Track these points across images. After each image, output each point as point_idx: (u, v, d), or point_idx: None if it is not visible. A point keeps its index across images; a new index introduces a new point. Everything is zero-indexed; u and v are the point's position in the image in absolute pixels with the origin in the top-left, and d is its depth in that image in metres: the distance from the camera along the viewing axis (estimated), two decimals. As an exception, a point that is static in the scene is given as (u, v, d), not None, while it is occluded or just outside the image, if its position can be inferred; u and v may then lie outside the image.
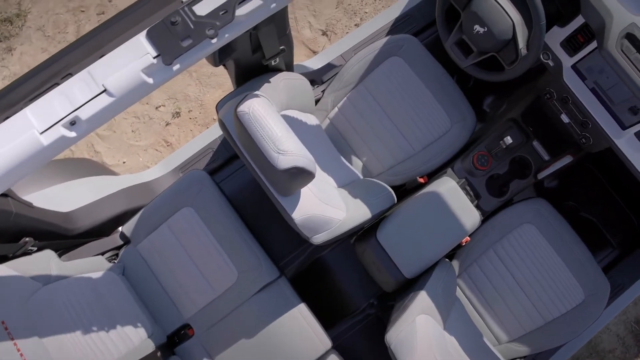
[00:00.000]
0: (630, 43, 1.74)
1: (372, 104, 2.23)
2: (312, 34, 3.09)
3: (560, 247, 2.19)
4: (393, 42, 2.24)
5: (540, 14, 1.75)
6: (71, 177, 2.06)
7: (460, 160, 2.22)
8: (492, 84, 2.60)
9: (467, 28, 1.91)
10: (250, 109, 1.45)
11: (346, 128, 2.25)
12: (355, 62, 2.25)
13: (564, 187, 2.61)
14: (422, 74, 2.23)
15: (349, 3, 3.13)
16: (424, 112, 2.21)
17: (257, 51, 1.79)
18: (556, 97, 2.09)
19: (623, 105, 1.89)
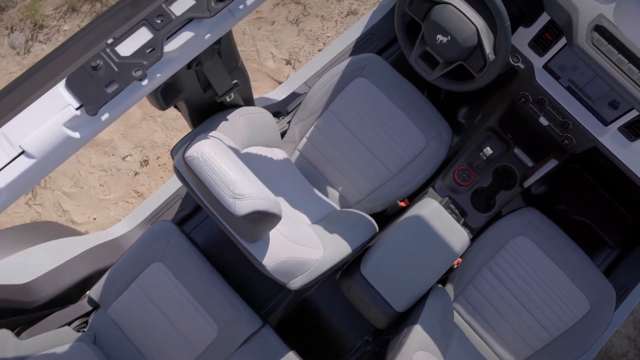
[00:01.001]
0: (600, 35, 1.62)
1: (341, 129, 2.08)
2: (276, 64, 2.97)
3: (557, 257, 2.04)
4: (355, 63, 2.11)
5: (503, 16, 1.63)
6: (29, 244, 1.89)
7: (440, 178, 2.07)
8: (465, 94, 2.47)
9: (430, 39, 1.79)
10: (200, 153, 1.29)
11: (317, 158, 2.10)
12: (319, 88, 2.11)
13: (553, 191, 2.47)
14: (389, 92, 2.10)
15: (310, 29, 3.01)
16: (397, 132, 2.07)
17: (208, 88, 1.65)
18: (532, 100, 1.96)
19: (602, 101, 1.76)
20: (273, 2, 3.05)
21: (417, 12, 1.79)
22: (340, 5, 3.06)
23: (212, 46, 1.37)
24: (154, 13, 1.09)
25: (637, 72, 1.60)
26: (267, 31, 3.01)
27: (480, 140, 2.10)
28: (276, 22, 3.02)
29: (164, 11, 1.09)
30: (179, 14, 1.10)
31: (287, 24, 3.02)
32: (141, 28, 1.08)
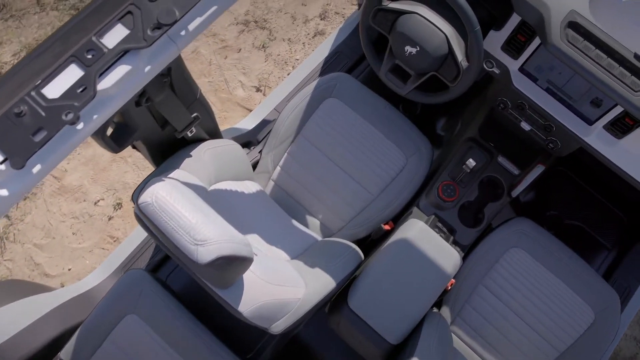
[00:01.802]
0: (575, 32, 1.52)
1: (316, 154, 1.96)
2: (246, 92, 2.84)
3: (555, 266, 1.91)
4: (324, 84, 1.99)
5: (472, 21, 1.52)
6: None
7: (424, 195, 1.94)
8: (441, 106, 2.36)
9: (398, 51, 1.67)
10: (154, 198, 1.15)
11: (293, 187, 1.97)
12: (288, 114, 1.98)
13: (542, 197, 2.35)
14: (362, 111, 1.98)
15: (277, 54, 2.90)
16: (374, 151, 1.94)
17: (167, 125, 1.51)
18: (511, 105, 1.85)
19: (583, 100, 1.65)
20: (238, 30, 2.94)
21: (382, 24, 1.69)
22: (307, 27, 2.96)
23: (161, 79, 1.25)
24: (84, 47, 0.96)
25: (617, 67, 1.50)
26: (234, 59, 2.89)
27: (461, 152, 1.98)
28: (242, 49, 2.91)
29: (94, 45, 0.96)
30: (112, 47, 0.97)
31: (254, 50, 2.91)
32: (70, 65, 0.95)
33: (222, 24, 2.94)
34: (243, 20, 2.96)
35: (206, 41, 2.91)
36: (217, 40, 2.92)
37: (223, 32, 2.93)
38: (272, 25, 2.95)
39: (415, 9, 1.63)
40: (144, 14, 0.97)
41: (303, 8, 3.00)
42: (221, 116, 2.81)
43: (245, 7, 2.98)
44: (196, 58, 2.89)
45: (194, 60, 2.88)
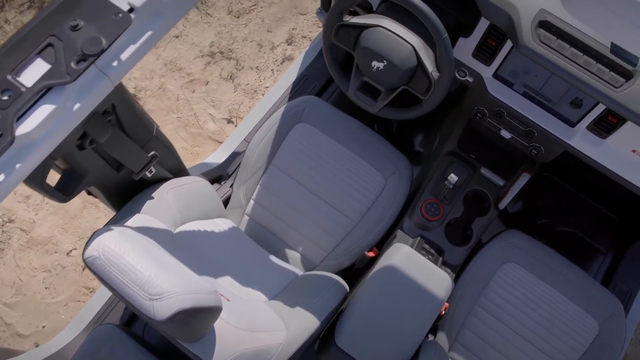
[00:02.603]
0: (547, 31, 1.43)
1: (290, 183, 1.83)
2: (217, 125, 2.72)
3: (552, 278, 1.79)
4: (293, 109, 1.88)
5: (439, 28, 1.42)
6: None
7: (407, 217, 1.82)
8: (417, 121, 2.25)
9: (365, 68, 1.57)
10: (101, 251, 1.01)
11: (269, 220, 1.83)
12: (257, 143, 1.86)
13: (530, 206, 2.24)
14: (335, 134, 1.86)
15: (246, 83, 2.79)
16: (351, 175, 1.82)
17: (122, 167, 1.38)
18: (488, 114, 1.74)
19: (563, 101, 1.55)
20: (204, 62, 2.83)
21: (345, 41, 1.58)
22: (274, 54, 2.86)
23: (102, 118, 1.12)
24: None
25: (594, 64, 1.40)
26: (202, 92, 2.78)
27: (442, 168, 1.86)
28: (210, 81, 2.80)
29: (9, 84, 0.83)
30: (31, 85, 0.84)
31: (222, 81, 2.80)
32: None
33: (188, 58, 2.83)
34: (208, 52, 2.85)
35: (172, 76, 2.79)
36: (183, 74, 2.80)
37: (189, 66, 2.82)
38: (239, 55, 2.85)
39: (378, 22, 1.53)
40: (66, 45, 0.85)
41: (269, 35, 2.90)
42: (193, 152, 2.69)
43: (209, 38, 2.88)
44: (163, 94, 2.77)
45: (160, 96, 2.76)
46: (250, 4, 2.97)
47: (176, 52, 2.84)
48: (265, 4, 2.97)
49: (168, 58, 2.83)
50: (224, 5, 2.96)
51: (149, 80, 2.78)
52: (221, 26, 2.92)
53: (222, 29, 2.91)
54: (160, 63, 2.82)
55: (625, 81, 1.39)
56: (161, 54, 2.83)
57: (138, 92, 2.74)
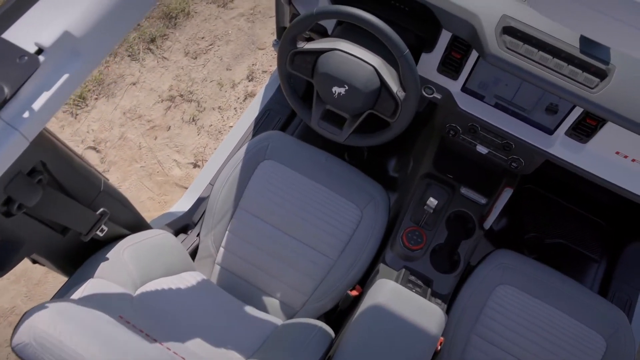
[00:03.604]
0: (512, 37, 1.33)
1: (260, 226, 1.68)
2: (183, 170, 2.58)
3: (549, 296, 1.66)
4: (255, 146, 1.74)
5: (399, 44, 1.31)
6: None
7: (389, 248, 1.68)
8: (388, 146, 2.13)
9: (326, 95, 1.45)
10: (33, 336, 0.85)
11: (242, 267, 1.68)
12: (221, 186, 1.72)
13: (516, 221, 2.12)
14: (303, 168, 1.72)
15: (209, 124, 2.66)
16: (324, 210, 1.68)
17: (67, 229, 1.23)
18: (462, 130, 1.63)
19: (538, 109, 1.45)
20: (164, 107, 2.70)
21: (302, 69, 1.47)
22: (236, 91, 2.74)
23: (27, 179, 0.97)
24: None
25: (566, 66, 1.30)
26: (165, 138, 2.64)
27: (420, 192, 1.74)
28: (172, 126, 2.66)
29: None
30: None
31: (184, 125, 2.67)
32: None
33: (147, 104, 2.70)
34: (168, 97, 2.72)
35: (132, 125, 2.65)
36: (143, 122, 2.66)
37: (148, 113, 2.68)
38: (199, 96, 2.73)
39: (334, 46, 1.42)
40: None
41: (228, 73, 2.79)
42: (161, 201, 2.53)
43: (167, 82, 2.75)
44: (124, 144, 2.62)
45: (122, 147, 2.61)
46: (206, 44, 2.87)
47: (134, 99, 2.71)
48: (222, 43, 2.87)
49: (126, 106, 2.69)
50: (180, 48, 2.85)
51: (109, 131, 2.63)
52: (179, 69, 2.80)
53: (180, 71, 2.79)
54: (119, 112, 2.68)
55: (600, 81, 1.30)
56: (119, 102, 2.70)
57: (97, 144, 2.59)
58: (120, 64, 2.80)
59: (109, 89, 2.73)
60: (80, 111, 2.66)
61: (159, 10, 2.94)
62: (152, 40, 2.85)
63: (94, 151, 2.58)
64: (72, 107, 2.66)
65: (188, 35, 2.89)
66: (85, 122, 2.64)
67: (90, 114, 2.66)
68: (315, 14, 1.35)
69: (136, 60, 2.81)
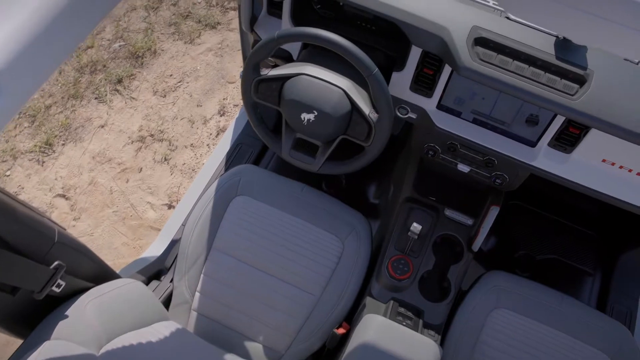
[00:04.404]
0: (485, 48, 1.26)
1: (237, 266, 1.56)
2: (157, 212, 2.45)
3: (547, 316, 1.55)
4: (226, 182, 1.64)
5: (367, 63, 1.23)
6: None
7: (374, 280, 1.56)
8: (366, 171, 2.04)
9: (295, 122, 1.36)
10: None
11: (221, 312, 1.55)
12: (193, 227, 1.60)
13: (505, 240, 2.03)
14: (278, 202, 1.62)
15: (182, 163, 2.55)
16: (304, 245, 1.57)
17: (17, 288, 1.10)
18: (441, 150, 1.55)
19: (518, 121, 1.37)
20: (134, 149, 2.59)
21: (267, 97, 1.38)
22: (208, 128, 2.64)
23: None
24: None
25: (543, 74, 1.23)
26: (137, 180, 2.52)
27: (402, 218, 1.64)
28: (144, 167, 2.55)
29: None
30: None
31: (157, 165, 2.55)
32: None
33: (117, 147, 2.59)
34: (138, 137, 2.62)
35: (102, 169, 2.53)
36: (113, 165, 2.55)
37: (119, 155, 2.57)
38: (171, 135, 2.63)
39: (300, 70, 1.33)
40: None
41: (199, 109, 2.70)
42: (135, 246, 2.40)
43: (137, 123, 2.65)
44: (94, 190, 2.50)
45: (92, 192, 2.49)
46: (175, 82, 2.78)
47: (103, 142, 2.60)
48: (191, 79, 2.79)
49: (95, 150, 2.58)
50: (148, 87, 2.76)
51: (78, 177, 2.51)
52: (148, 108, 2.70)
53: (150, 111, 2.70)
54: (88, 157, 2.56)
55: (579, 87, 1.22)
56: (87, 147, 2.58)
57: (66, 191, 2.47)
58: (87, 107, 2.69)
59: (77, 133, 2.62)
60: (47, 158, 2.54)
61: (124, 51, 2.86)
62: (119, 81, 2.76)
63: (63, 199, 2.45)
64: (38, 154, 2.54)
65: (156, 74, 2.80)
66: (52, 169, 2.52)
67: (58, 161, 2.54)
68: (277, 38, 1.27)
69: (103, 102, 2.71)
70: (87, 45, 2.87)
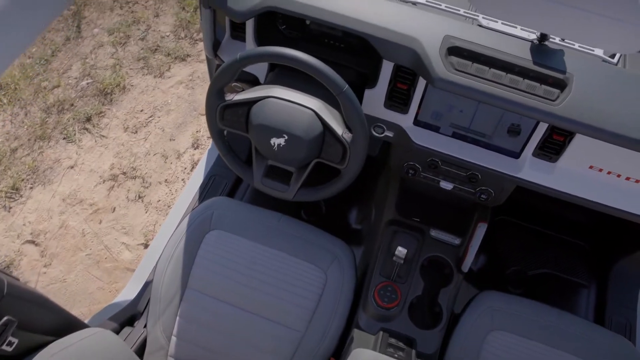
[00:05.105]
0: (459, 57, 1.19)
1: (215, 306, 1.45)
2: (133, 253, 2.33)
3: (547, 336, 1.46)
4: (198, 216, 1.53)
5: (336, 80, 1.15)
6: None
7: (360, 310, 1.46)
8: (346, 197, 1.95)
9: (265, 148, 1.27)
10: None
11: (201, 356, 1.43)
12: (165, 266, 1.49)
13: (494, 257, 1.94)
14: (254, 234, 1.51)
15: (157, 200, 2.44)
16: (285, 278, 1.46)
17: None
18: (421, 168, 1.46)
19: (499, 132, 1.30)
20: (106, 188, 2.47)
21: (234, 124, 1.29)
22: (182, 162, 2.54)
23: None
24: None
25: (522, 81, 1.16)
26: (111, 221, 2.40)
27: (386, 242, 1.54)
28: (117, 207, 2.43)
29: None
30: None
31: (130, 204, 2.44)
32: None
33: (88, 187, 2.47)
34: (109, 176, 2.50)
35: (73, 211, 2.41)
36: (85, 206, 2.43)
37: (90, 196, 2.45)
38: (144, 172, 2.52)
39: (267, 93, 1.25)
40: None
41: (172, 143, 2.60)
42: (112, 289, 2.26)
43: (108, 161, 2.54)
44: (66, 233, 2.37)
45: (63, 236, 2.36)
46: (146, 117, 2.69)
47: (73, 183, 2.48)
48: (162, 113, 2.69)
49: (65, 192, 2.46)
50: (118, 124, 2.66)
51: (47, 222, 2.38)
52: (119, 146, 2.60)
53: (121, 148, 2.59)
54: (57, 200, 2.44)
55: (560, 92, 1.16)
56: (57, 189, 2.46)
57: (36, 237, 2.33)
58: (55, 148, 2.58)
59: (45, 175, 2.50)
60: (14, 203, 2.41)
61: (92, 88, 2.76)
62: (87, 120, 2.66)
63: (32, 245, 2.32)
64: (4, 200, 2.41)
65: (126, 110, 2.71)
66: (20, 215, 2.39)
67: (26, 205, 2.41)
68: (239, 59, 1.18)
69: (72, 142, 2.60)
70: (54, 85, 2.77)
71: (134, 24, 3.02)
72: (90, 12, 3.08)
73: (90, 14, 3.07)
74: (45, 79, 2.80)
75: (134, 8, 3.11)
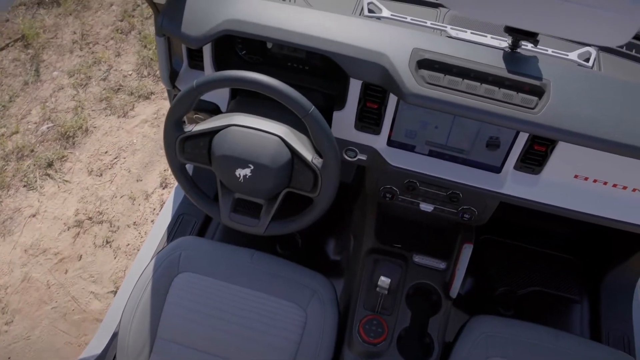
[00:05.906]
0: (430, 70, 1.12)
1: (188, 355, 1.32)
2: (103, 302, 2.18)
3: (544, 358, 1.36)
4: (165, 259, 1.41)
5: (301, 102, 1.07)
6: None
7: (346, 347, 1.34)
8: (322, 227, 1.85)
9: (230, 181, 1.17)
10: None
11: None
12: (130, 316, 1.35)
13: (481, 279, 1.85)
14: (226, 274, 1.39)
15: (126, 244, 2.30)
16: (261, 319, 1.34)
17: None
18: (399, 191, 1.38)
19: (477, 147, 1.22)
20: (71, 235, 2.33)
21: (195, 156, 1.19)
22: (150, 203, 2.42)
23: None
24: None
25: (497, 90, 1.10)
26: (77, 270, 2.25)
27: (368, 272, 1.44)
28: (84, 254, 2.28)
29: None
30: None
31: (98, 250, 2.29)
32: None
33: (51, 236, 2.32)
34: (74, 222, 2.36)
35: (36, 262, 2.26)
36: (49, 256, 2.28)
37: (54, 245, 2.31)
38: (111, 215, 2.38)
39: (229, 121, 1.16)
40: None
41: (139, 184, 2.48)
42: (80, 343, 2.10)
43: (72, 207, 2.40)
44: (29, 286, 2.21)
45: (26, 290, 2.20)
46: (111, 158, 2.57)
47: (36, 232, 2.33)
48: (128, 153, 2.58)
49: (27, 242, 2.31)
50: (82, 167, 2.53)
51: (8, 275, 2.22)
52: (83, 190, 2.46)
53: (86, 192, 2.46)
54: (19, 251, 2.28)
55: (538, 99, 1.09)
56: (18, 239, 2.31)
57: (-4, 294, 2.17)
58: (14, 196, 2.43)
59: (4, 226, 2.35)
60: (-29, 259, 2.25)
61: (54, 132, 2.64)
62: (49, 165, 2.52)
63: (-8, 302, 2.16)
64: (-40, 256, 2.25)
65: (89, 153, 2.58)
66: (-22, 271, 2.22)
67: (-15, 260, 2.26)
68: (196, 86, 1.09)
69: (33, 189, 2.46)
70: (12, 131, 2.64)
71: (94, 65, 2.92)
72: (49, 55, 2.98)
73: (49, 57, 2.97)
74: (3, 126, 2.67)
75: (94, 49, 3.01)
